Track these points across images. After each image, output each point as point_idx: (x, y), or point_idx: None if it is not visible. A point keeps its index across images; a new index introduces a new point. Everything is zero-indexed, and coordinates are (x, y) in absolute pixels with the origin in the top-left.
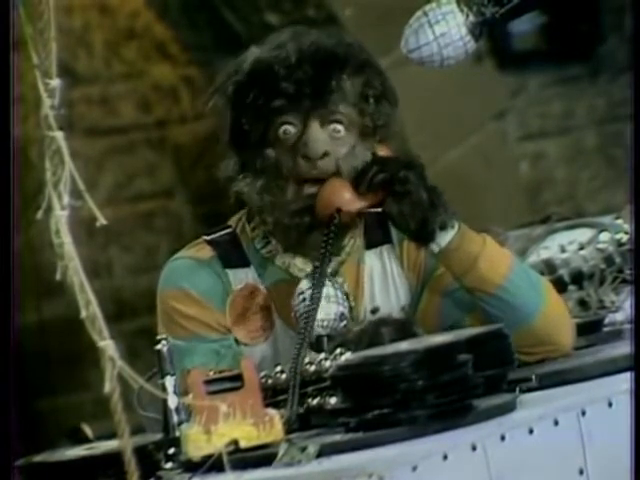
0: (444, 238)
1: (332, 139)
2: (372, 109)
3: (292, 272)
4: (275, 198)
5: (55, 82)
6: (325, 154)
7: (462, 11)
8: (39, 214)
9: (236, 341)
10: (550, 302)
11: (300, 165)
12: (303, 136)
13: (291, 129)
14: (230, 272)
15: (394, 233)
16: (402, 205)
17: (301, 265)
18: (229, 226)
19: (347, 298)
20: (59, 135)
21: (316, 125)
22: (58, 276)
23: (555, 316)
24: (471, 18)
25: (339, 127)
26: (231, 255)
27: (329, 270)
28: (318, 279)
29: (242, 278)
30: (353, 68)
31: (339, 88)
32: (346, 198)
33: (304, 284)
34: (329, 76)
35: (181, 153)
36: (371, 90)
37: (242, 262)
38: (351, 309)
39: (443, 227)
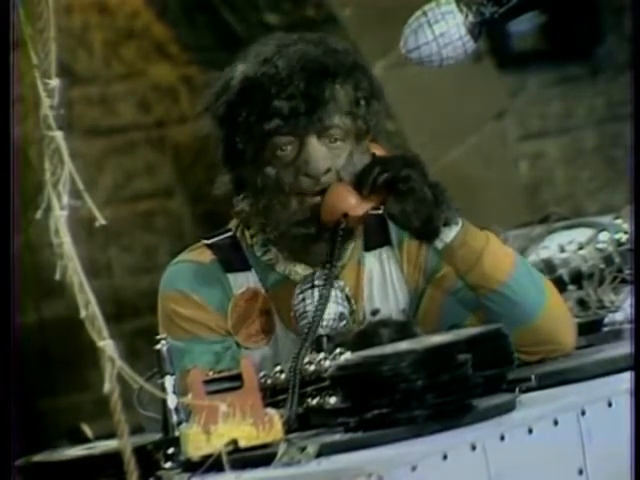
0: (448, 234)
1: (330, 150)
2: (363, 111)
3: (293, 279)
4: (279, 214)
5: (54, 82)
6: (328, 170)
7: (461, 11)
8: (39, 214)
9: (237, 345)
10: (552, 301)
11: (302, 182)
12: (302, 153)
13: (288, 146)
14: (230, 276)
15: (393, 235)
16: (406, 204)
17: (302, 272)
18: (229, 229)
19: (348, 300)
20: (58, 135)
21: (314, 141)
22: (58, 276)
23: (557, 315)
24: (470, 18)
25: (336, 138)
26: (231, 259)
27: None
28: (326, 285)
29: (243, 282)
30: (343, 75)
31: (332, 99)
32: (352, 203)
33: (303, 284)
34: (322, 88)
35: (181, 153)
36: (361, 92)
37: (242, 266)
38: (352, 312)
39: (447, 223)
